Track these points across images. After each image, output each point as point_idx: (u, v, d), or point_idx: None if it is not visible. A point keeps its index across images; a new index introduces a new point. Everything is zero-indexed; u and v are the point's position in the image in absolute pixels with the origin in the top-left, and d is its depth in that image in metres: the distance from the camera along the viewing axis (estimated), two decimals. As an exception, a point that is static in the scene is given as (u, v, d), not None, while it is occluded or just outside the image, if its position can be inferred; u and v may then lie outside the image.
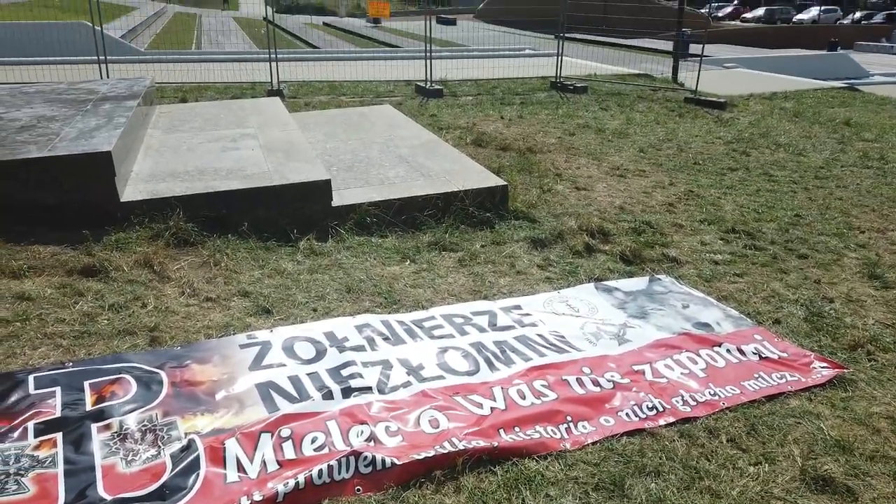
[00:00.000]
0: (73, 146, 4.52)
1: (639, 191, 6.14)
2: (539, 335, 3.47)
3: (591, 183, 6.30)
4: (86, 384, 2.74)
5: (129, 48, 18.89)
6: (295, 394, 2.80)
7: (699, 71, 11.52)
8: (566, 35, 12.82)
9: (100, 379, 2.78)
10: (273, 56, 11.86)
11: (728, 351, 3.37)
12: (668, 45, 19.42)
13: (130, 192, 4.61)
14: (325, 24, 37.48)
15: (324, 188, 4.89)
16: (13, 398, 2.61)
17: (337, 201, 4.94)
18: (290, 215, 4.77)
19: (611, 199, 5.85)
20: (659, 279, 4.25)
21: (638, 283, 4.19)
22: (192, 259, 4.07)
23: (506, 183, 5.45)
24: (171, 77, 12.57)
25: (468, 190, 5.19)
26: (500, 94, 11.55)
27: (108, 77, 11.59)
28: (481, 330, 3.49)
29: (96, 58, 11.89)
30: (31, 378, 2.74)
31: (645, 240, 4.87)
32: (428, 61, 12.08)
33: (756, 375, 3.15)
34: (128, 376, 2.82)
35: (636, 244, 4.70)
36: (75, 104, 6.04)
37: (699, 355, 3.33)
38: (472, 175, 5.63)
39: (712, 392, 3.00)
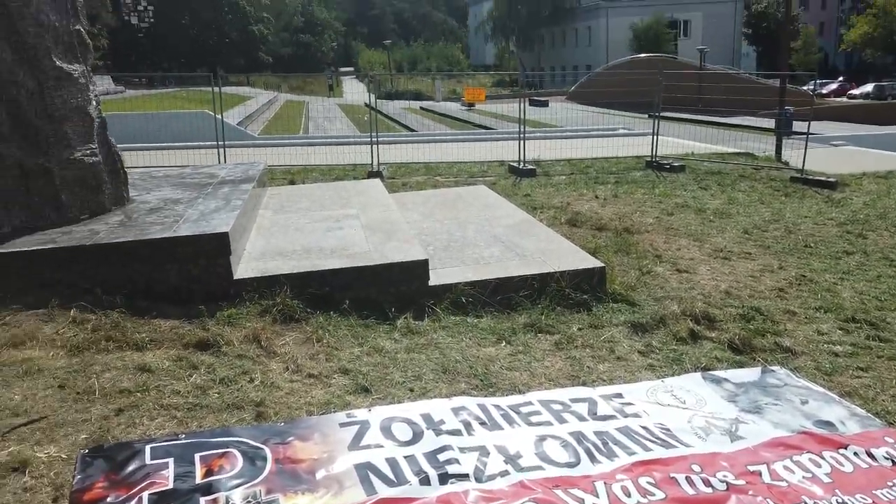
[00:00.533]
0: (194, 227, 4.89)
1: (745, 274, 5.88)
2: (643, 427, 3.31)
3: (693, 265, 6.10)
4: (196, 457, 2.84)
5: (245, 134, 20.51)
6: (392, 477, 2.79)
7: (805, 149, 11.12)
8: (661, 114, 12.80)
9: (209, 452, 2.88)
10: (374, 139, 12.52)
11: (856, 454, 3.07)
12: (768, 123, 18.93)
13: (243, 269, 4.90)
14: (422, 108, 39.36)
15: (421, 268, 5.01)
16: (131, 468, 2.75)
17: (434, 280, 5.02)
18: (389, 293, 4.89)
19: (715, 282, 5.63)
20: (773, 371, 3.99)
21: (749, 374, 3.94)
22: (296, 335, 4.22)
23: (603, 264, 5.37)
24: (281, 160, 13.47)
25: (564, 271, 5.15)
26: (593, 173, 11.58)
27: (225, 159, 12.59)
28: (581, 418, 3.37)
29: (216, 143, 12.97)
30: (147, 448, 2.88)
31: (755, 327, 4.61)
32: (521, 142, 12.36)
33: (890, 484, 2.84)
34: (235, 450, 2.91)
35: (745, 332, 4.46)
36: (198, 187, 6.57)
37: (822, 457, 3.05)
38: (568, 256, 5.60)
39: (839, 500, 2.73)
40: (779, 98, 14.87)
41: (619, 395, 3.63)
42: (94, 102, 5.57)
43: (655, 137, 12.48)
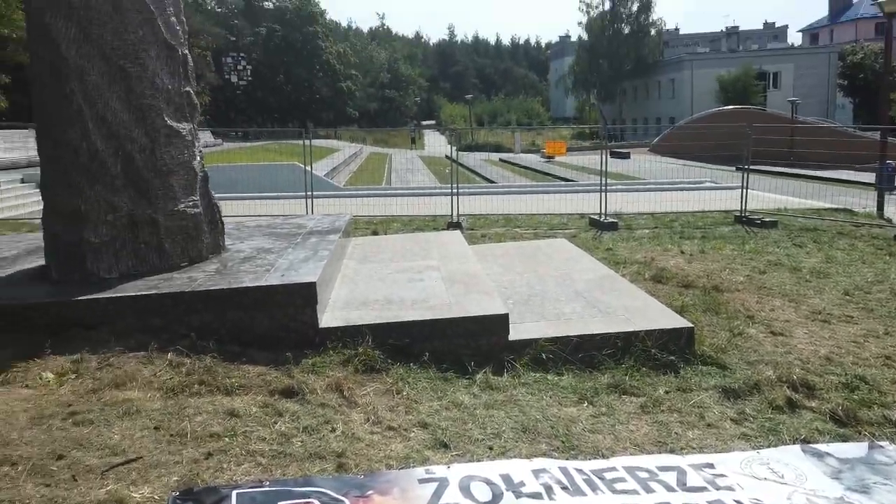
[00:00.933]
0: (284, 277, 5.09)
1: (847, 339, 5.50)
2: (736, 501, 3.10)
3: (789, 328, 5.77)
4: (279, 505, 2.89)
5: (331, 185, 21.35)
6: (471, 539, 2.73)
7: (911, 205, 10.44)
8: (750, 167, 12.40)
9: (291, 501, 2.92)
10: (454, 191, 12.73)
11: None
12: (868, 178, 17.94)
13: (328, 318, 5.03)
14: (501, 160, 39.82)
15: (501, 322, 4.98)
16: (218, 513, 2.82)
17: (514, 335, 4.98)
18: (468, 347, 4.88)
19: (814, 347, 5.29)
20: (881, 447, 3.67)
21: (855, 449, 3.65)
22: (377, 386, 4.26)
23: (691, 324, 5.17)
24: (364, 210, 13.90)
25: (650, 330, 4.99)
26: (678, 227, 11.28)
27: (313, 210, 13.11)
28: (669, 489, 3.20)
29: (305, 193, 13.55)
30: (234, 494, 2.95)
31: (860, 398, 4.28)
32: (602, 194, 12.24)
33: None
34: (316, 501, 2.94)
35: (849, 402, 4.14)
36: (288, 237, 6.86)
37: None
38: (654, 314, 5.43)
39: None
40: (879, 152, 14.12)
41: (711, 466, 3.44)
42: (198, 157, 5.97)
43: (745, 191, 12.07)
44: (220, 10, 77.65)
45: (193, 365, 4.22)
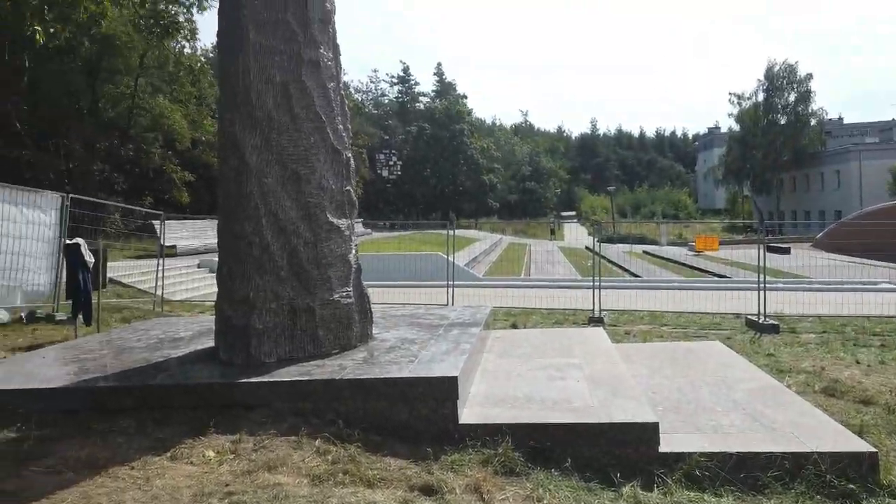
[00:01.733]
0: (427, 369, 5.17)
1: None
2: None
3: None
4: None
5: (471, 275, 21.76)
6: None
7: None
8: (938, 269, 11.03)
9: None
10: (595, 283, 12.45)
11: None
12: None
13: (467, 414, 5.00)
14: (645, 252, 38.65)
15: (650, 431, 4.67)
16: None
17: (664, 447, 4.64)
18: (613, 455, 4.60)
19: None
20: None
21: None
22: (516, 490, 4.11)
23: (874, 449, 4.54)
24: (503, 301, 13.94)
25: (823, 453, 4.44)
26: (851, 333, 10.16)
27: (454, 299, 13.37)
28: None
29: (446, 282, 13.90)
30: None
31: None
32: (761, 292, 11.39)
33: None
34: None
35: None
36: (430, 328, 7.02)
37: None
38: (826, 433, 4.84)
39: None
40: None
41: None
42: (353, 251, 6.38)
43: (932, 295, 10.70)
44: (376, 111, 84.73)
45: (339, 453, 4.33)
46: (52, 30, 4.85)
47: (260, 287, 5.81)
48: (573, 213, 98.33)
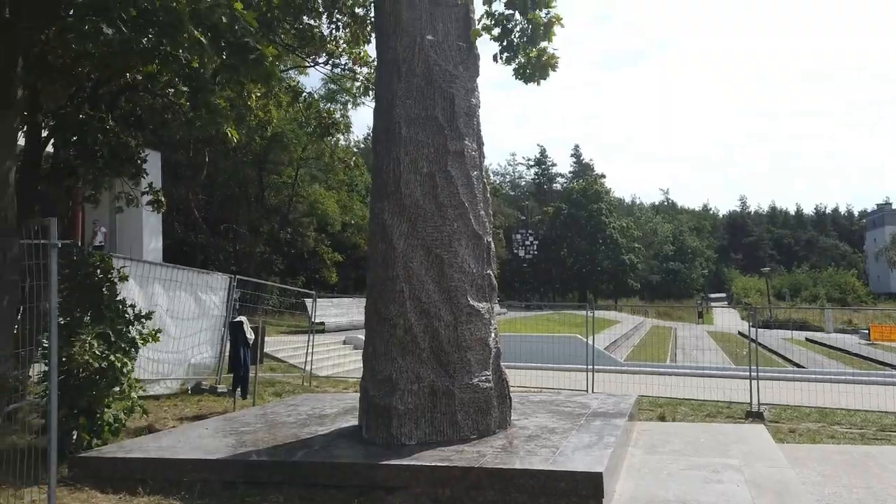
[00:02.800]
0: (569, 462, 4.95)
1: None
2: None
3: None
4: None
5: (612, 359, 20.92)
6: None
7: None
8: None
9: None
10: (752, 374, 11.43)
11: None
12: None
13: (613, 514, 4.69)
14: (808, 339, 35.15)
15: (829, 551, 4.09)
16: None
17: (846, 572, 4.03)
18: (784, 577, 4.07)
19: None
20: None
21: None
22: None
23: None
24: (647, 389, 13.16)
25: None
26: None
27: (593, 385, 12.85)
28: None
29: (585, 367, 13.44)
30: None
31: None
32: (957, 394, 9.86)
33: None
34: None
35: None
36: (571, 417, 6.76)
37: None
38: None
39: None
40: None
41: None
42: (493, 334, 6.39)
43: None
44: (513, 193, 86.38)
45: (477, 546, 4.20)
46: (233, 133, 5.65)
47: (402, 368, 5.96)
48: (723, 295, 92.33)
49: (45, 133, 7.09)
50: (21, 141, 6.33)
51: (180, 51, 4.13)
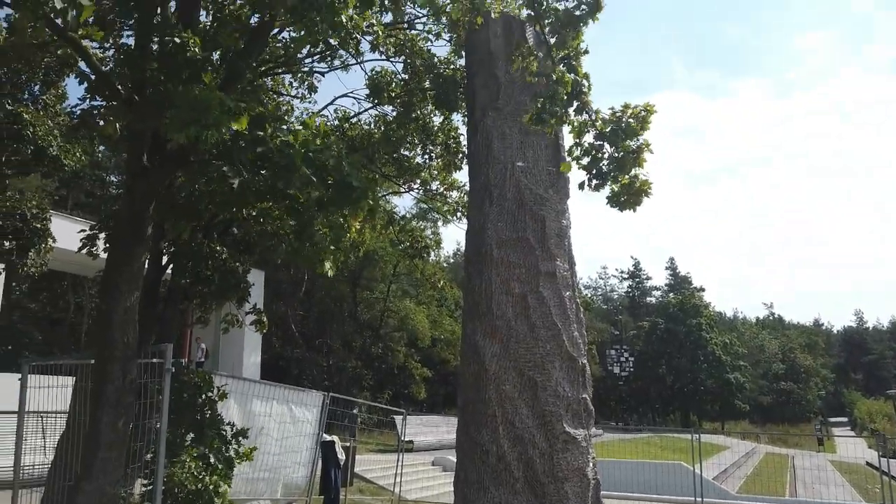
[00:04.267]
0: None
1: None
2: None
3: None
4: None
5: (722, 490, 19.14)
6: None
7: None
8: None
9: None
10: (892, 518, 10.10)
11: None
12: None
13: None
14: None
15: None
16: None
17: None
18: None
19: None
20: None
21: None
22: None
23: None
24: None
25: None
26: None
27: (703, 523, 11.74)
28: None
29: (693, 499, 12.34)
30: None
31: None
32: None
33: None
34: None
35: None
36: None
37: None
38: None
39: None
40: None
41: None
42: (591, 464, 6.05)
43: None
44: (605, 307, 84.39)
45: None
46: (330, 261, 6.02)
47: (495, 499, 5.71)
48: (844, 419, 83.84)
49: (164, 260, 7.74)
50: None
51: (291, 189, 4.53)
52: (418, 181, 11.62)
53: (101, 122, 5.93)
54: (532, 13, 5.45)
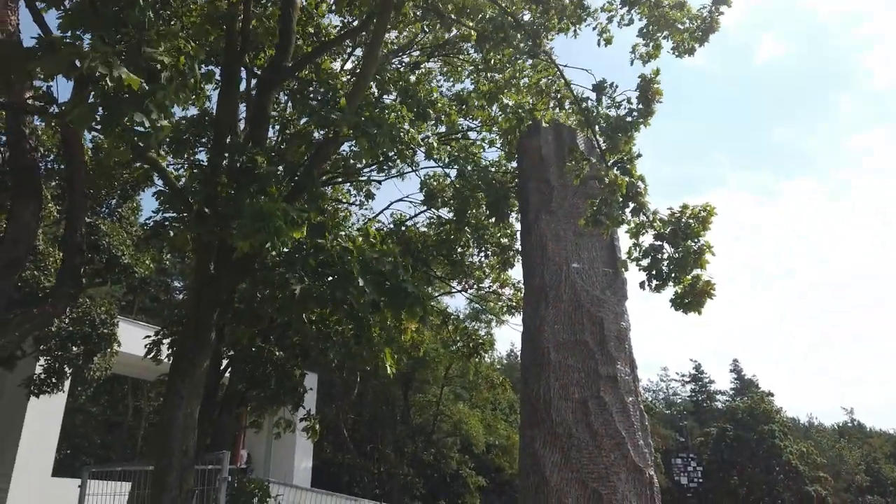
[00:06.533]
0: None
1: None
2: None
3: None
4: None
5: None
6: None
7: None
8: None
9: None
10: None
11: None
12: None
13: None
14: None
15: None
16: None
17: None
18: None
19: None
20: None
21: None
22: None
23: None
24: None
25: None
26: None
27: None
28: None
29: None
30: None
31: None
32: None
33: None
34: None
35: None
36: None
37: None
38: None
39: None
40: None
41: None
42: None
43: None
44: (668, 412, 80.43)
45: None
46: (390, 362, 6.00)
47: None
48: (943, 538, 75.27)
49: (223, 363, 7.86)
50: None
51: (349, 296, 4.62)
52: (472, 281, 11.68)
53: (172, 234, 6.24)
54: (583, 119, 5.61)
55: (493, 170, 10.39)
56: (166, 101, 3.64)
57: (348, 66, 10.59)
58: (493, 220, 10.17)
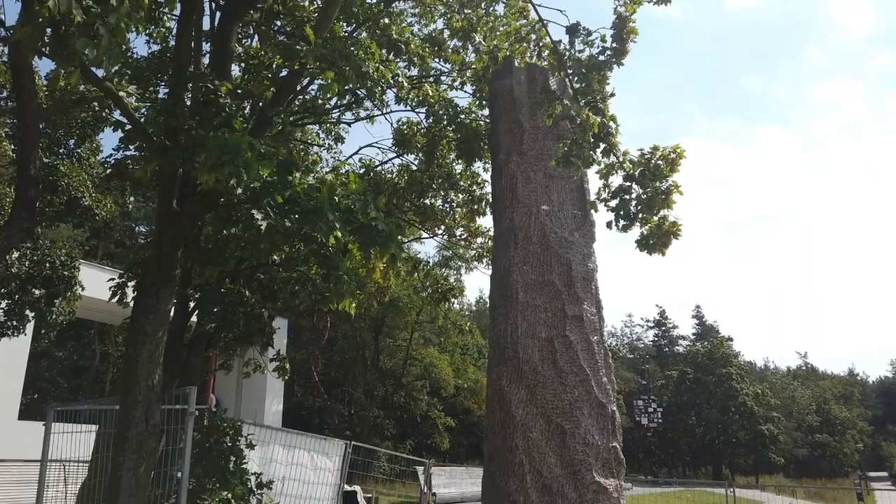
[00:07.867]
0: None
1: None
2: None
3: None
4: None
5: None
6: None
7: None
8: None
9: None
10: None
11: None
12: None
13: None
14: None
15: None
16: None
17: None
18: None
19: None
20: None
21: None
22: None
23: None
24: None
25: None
26: None
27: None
28: None
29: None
30: None
31: None
32: None
33: None
34: None
35: None
36: None
37: None
38: None
39: None
40: None
41: None
42: (623, 517, 5.81)
43: None
44: (631, 356, 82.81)
45: None
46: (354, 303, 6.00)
47: (524, 554, 5.48)
48: (884, 473, 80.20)
49: (190, 306, 7.79)
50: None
51: (317, 233, 4.56)
52: (442, 228, 11.66)
53: (134, 169, 6.06)
54: (556, 61, 5.53)
55: (462, 117, 10.25)
56: (121, 23, 3.46)
57: (317, -1, 10.21)
58: (463, 160, 10.10)
